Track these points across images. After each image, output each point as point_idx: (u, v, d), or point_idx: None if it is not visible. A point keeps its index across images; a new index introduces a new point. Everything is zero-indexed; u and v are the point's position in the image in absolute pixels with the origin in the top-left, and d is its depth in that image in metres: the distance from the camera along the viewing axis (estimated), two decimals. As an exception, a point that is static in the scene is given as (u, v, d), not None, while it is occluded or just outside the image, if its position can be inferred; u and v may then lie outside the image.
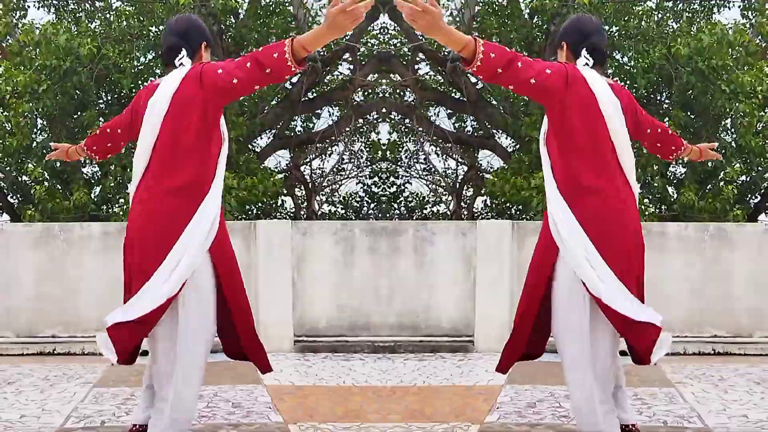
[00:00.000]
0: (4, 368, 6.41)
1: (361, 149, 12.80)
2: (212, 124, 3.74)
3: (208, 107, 3.68)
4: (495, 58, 3.44)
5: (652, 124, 4.10)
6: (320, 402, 5.26)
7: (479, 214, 12.75)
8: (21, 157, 10.75)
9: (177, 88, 3.68)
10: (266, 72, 3.50)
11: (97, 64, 10.08)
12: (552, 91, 3.62)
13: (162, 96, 3.70)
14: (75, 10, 11.60)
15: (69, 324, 7.28)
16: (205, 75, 3.64)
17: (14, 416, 4.80)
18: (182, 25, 3.90)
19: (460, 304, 7.56)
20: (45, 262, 7.43)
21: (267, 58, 3.49)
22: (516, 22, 11.16)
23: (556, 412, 4.94)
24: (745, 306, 7.47)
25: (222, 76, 3.59)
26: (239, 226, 7.62)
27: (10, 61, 10.59)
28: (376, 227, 7.70)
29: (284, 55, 3.44)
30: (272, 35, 11.40)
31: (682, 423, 4.69)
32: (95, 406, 5.08)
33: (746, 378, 6.05)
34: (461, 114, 12.65)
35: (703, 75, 9.91)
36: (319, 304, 7.59)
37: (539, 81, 3.55)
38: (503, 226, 7.52)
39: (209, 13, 10.49)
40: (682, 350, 7.15)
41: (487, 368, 6.49)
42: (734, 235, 7.54)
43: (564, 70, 3.66)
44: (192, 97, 3.66)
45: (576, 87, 3.67)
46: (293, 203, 12.96)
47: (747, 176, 11.30)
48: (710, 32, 9.74)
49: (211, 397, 5.34)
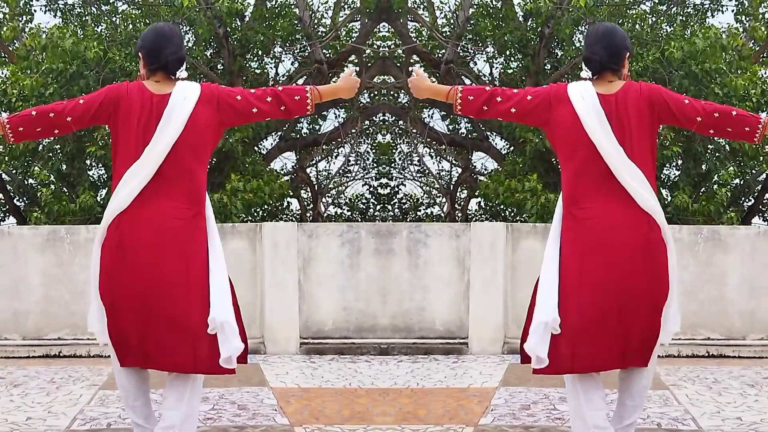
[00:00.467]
0: (11, 370, 6.43)
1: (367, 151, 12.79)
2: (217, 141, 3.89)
3: (221, 129, 3.85)
4: (473, 100, 3.83)
5: (704, 111, 3.80)
6: (326, 404, 5.25)
7: (473, 216, 12.72)
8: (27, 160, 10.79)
9: (193, 110, 3.72)
10: (282, 109, 3.82)
11: (103, 67, 10.10)
12: (534, 115, 3.83)
13: (178, 118, 3.70)
14: (81, 14, 11.64)
15: (75, 327, 7.28)
16: (223, 99, 3.78)
17: (20, 418, 4.81)
18: (179, 37, 3.87)
19: (454, 306, 7.55)
20: (52, 264, 7.44)
21: (288, 99, 3.80)
22: (510, 25, 11.14)
23: (550, 415, 4.93)
24: (739, 308, 7.46)
25: (242, 102, 3.78)
26: (245, 228, 7.62)
27: (17, 65, 10.62)
28: (382, 229, 7.69)
29: (306, 101, 3.83)
30: (278, 38, 11.41)
31: (676, 425, 4.69)
32: (101, 409, 5.08)
33: (740, 380, 6.05)
34: (455, 116, 12.62)
35: (697, 78, 9.92)
36: (325, 306, 7.58)
37: (519, 109, 3.82)
38: (497, 228, 7.51)
39: (215, 16, 10.51)
40: (676, 353, 7.15)
41: (480, 370, 6.48)
42: (728, 238, 7.52)
43: (546, 94, 3.82)
44: (210, 120, 3.76)
45: (559, 107, 3.77)
46: (299, 205, 12.97)
47: (740, 179, 11.30)
48: (704, 36, 9.76)
49: (217, 399, 5.33)
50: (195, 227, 3.72)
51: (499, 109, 3.83)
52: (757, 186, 11.79)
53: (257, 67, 11.82)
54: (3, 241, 7.48)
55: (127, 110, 3.72)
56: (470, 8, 11.43)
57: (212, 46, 11.44)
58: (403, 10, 11.06)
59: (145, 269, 3.63)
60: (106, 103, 3.75)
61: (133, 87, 3.78)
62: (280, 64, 12.35)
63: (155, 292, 3.61)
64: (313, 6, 11.86)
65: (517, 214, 10.59)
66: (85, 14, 11.62)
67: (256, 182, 10.11)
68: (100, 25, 11.23)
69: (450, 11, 12.18)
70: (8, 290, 7.41)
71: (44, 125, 3.80)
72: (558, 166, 10.83)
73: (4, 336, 7.37)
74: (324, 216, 12.65)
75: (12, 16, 11.57)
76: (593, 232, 3.69)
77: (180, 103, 3.72)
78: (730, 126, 3.82)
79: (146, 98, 3.73)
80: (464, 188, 12.98)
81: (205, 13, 10.45)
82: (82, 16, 11.60)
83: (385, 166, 12.18)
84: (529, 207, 9.72)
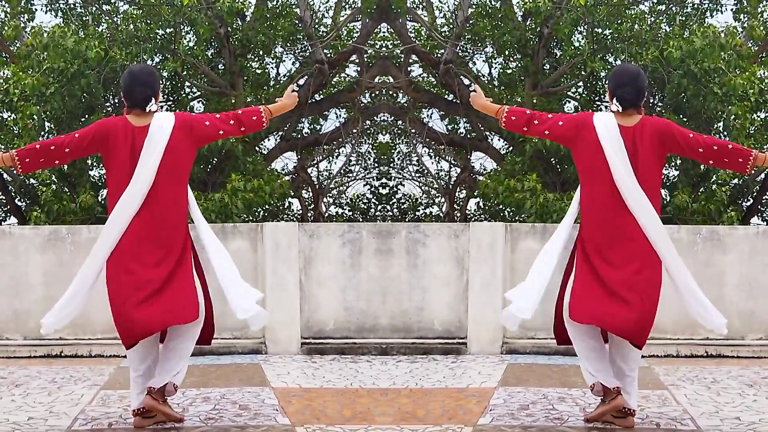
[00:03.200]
0: (12, 370, 6.43)
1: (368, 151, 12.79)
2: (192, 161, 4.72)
3: (194, 150, 4.69)
4: (516, 120, 4.75)
5: (705, 143, 4.55)
6: (327, 404, 5.25)
7: (472, 216, 12.71)
8: (29, 160, 10.73)
9: (170, 137, 4.52)
10: (242, 129, 4.74)
11: (104, 67, 10.11)
12: (564, 138, 4.72)
13: (156, 146, 4.49)
14: (82, 13, 11.64)
15: (76, 326, 7.27)
16: (195, 126, 4.63)
17: (22, 418, 4.81)
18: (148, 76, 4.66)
19: (453, 307, 7.54)
20: (53, 264, 7.44)
21: (247, 120, 4.72)
22: (509, 25, 11.14)
23: (549, 415, 4.93)
24: (738, 308, 7.45)
25: (210, 127, 4.67)
26: (246, 228, 7.62)
27: (18, 64, 10.63)
28: (383, 229, 7.69)
29: (261, 119, 4.75)
30: (279, 38, 11.42)
31: (674, 425, 4.69)
32: (102, 409, 5.09)
33: (738, 380, 6.05)
34: (454, 116, 12.61)
35: (696, 78, 9.92)
36: (326, 306, 7.58)
37: (551, 132, 4.71)
38: (496, 228, 7.50)
39: (216, 15, 10.51)
40: (674, 353, 7.15)
41: (479, 370, 6.48)
42: (726, 238, 7.52)
43: (575, 121, 4.67)
44: (184, 144, 4.58)
45: (584, 132, 4.59)
46: (300, 205, 12.97)
47: (739, 179, 11.29)
48: (702, 35, 9.76)
49: (218, 399, 5.34)
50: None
51: (537, 130, 4.73)
52: (756, 186, 11.79)
53: (258, 67, 11.83)
54: (4, 240, 7.48)
55: (114, 142, 4.52)
56: (469, 8, 11.42)
57: (213, 46, 11.44)
58: (402, 10, 11.06)
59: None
60: (98, 137, 4.55)
61: (119, 121, 4.58)
62: (281, 64, 12.37)
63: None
64: (314, 6, 11.86)
65: (516, 213, 10.58)
66: (86, 14, 11.63)
67: (257, 182, 10.11)
68: (102, 25, 11.23)
69: (449, 11, 12.18)
70: (9, 290, 7.41)
71: (46, 156, 4.55)
72: (557, 166, 10.88)
73: (6, 336, 7.37)
74: (325, 216, 12.65)
75: (13, 15, 11.58)
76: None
77: (157, 131, 4.51)
78: (726, 157, 4.55)
79: (128, 131, 4.53)
80: (463, 188, 12.97)
81: (206, 13, 10.45)
82: (83, 16, 11.60)
83: (384, 166, 12.19)
84: (529, 207, 9.71)
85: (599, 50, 10.68)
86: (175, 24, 10.73)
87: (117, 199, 4.52)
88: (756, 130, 10.65)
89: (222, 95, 11.09)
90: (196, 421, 4.79)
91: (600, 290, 4.49)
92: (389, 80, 11.54)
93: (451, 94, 11.93)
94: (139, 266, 4.47)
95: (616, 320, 4.45)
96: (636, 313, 4.46)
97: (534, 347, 7.31)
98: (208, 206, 9.55)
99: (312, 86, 11.52)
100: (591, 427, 4.65)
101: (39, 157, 4.56)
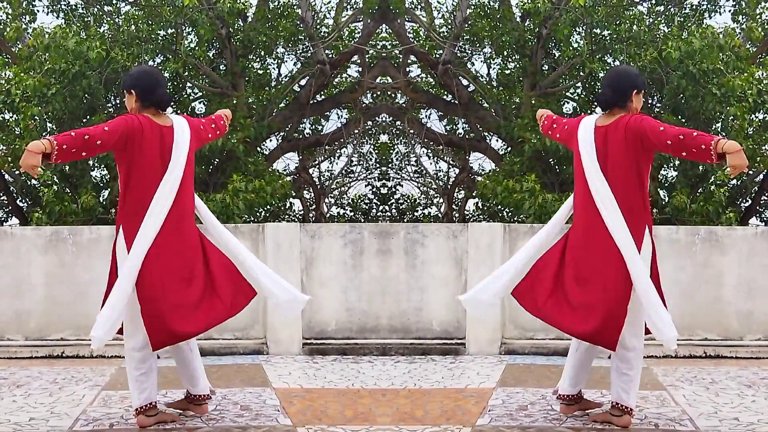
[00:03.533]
0: (14, 371, 6.44)
1: (369, 151, 12.80)
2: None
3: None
4: (545, 124, 5.08)
5: (673, 134, 4.35)
6: (329, 405, 5.26)
7: (470, 216, 12.70)
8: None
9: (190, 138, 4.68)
10: (218, 133, 5.03)
11: (105, 67, 10.11)
12: (565, 142, 4.93)
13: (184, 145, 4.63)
14: (83, 14, 11.65)
15: (78, 327, 7.29)
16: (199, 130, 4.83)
17: (23, 419, 4.82)
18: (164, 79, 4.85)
19: (451, 307, 7.54)
20: (54, 265, 7.45)
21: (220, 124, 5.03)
22: (507, 25, 11.12)
23: (547, 415, 4.94)
24: (736, 309, 7.46)
25: (204, 131, 4.89)
26: (247, 228, 7.63)
27: (19, 65, 10.64)
28: (384, 229, 7.70)
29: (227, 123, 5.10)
30: (280, 38, 11.42)
31: (673, 426, 4.70)
32: (104, 409, 5.10)
33: (737, 381, 6.06)
34: (453, 116, 12.61)
35: (694, 78, 9.91)
36: (328, 306, 7.59)
37: (560, 135, 4.96)
38: (494, 229, 7.50)
39: (217, 16, 10.51)
40: (673, 353, 7.14)
41: (478, 371, 6.49)
42: (725, 239, 7.52)
43: (573, 125, 4.80)
44: (193, 146, 4.73)
45: (575, 135, 4.74)
46: (302, 205, 12.97)
47: (738, 180, 11.28)
48: (701, 36, 9.75)
49: (220, 399, 5.35)
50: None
51: (554, 135, 5.00)
52: (754, 187, 11.79)
53: (260, 67, 11.83)
54: (6, 241, 7.49)
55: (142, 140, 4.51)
56: (467, 9, 11.40)
57: (215, 46, 11.44)
58: (401, 10, 11.06)
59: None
60: (128, 133, 4.47)
61: (144, 120, 4.56)
62: (282, 65, 12.37)
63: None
64: (316, 6, 11.87)
65: (514, 214, 10.57)
66: (88, 15, 11.64)
67: (259, 182, 10.11)
68: (103, 26, 11.24)
69: (447, 11, 12.17)
70: (11, 290, 7.42)
71: (80, 146, 4.34)
72: (556, 166, 10.88)
73: (7, 336, 7.39)
74: (326, 216, 12.65)
75: (15, 16, 11.59)
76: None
77: (181, 132, 4.65)
78: (693, 146, 4.29)
79: (156, 129, 4.58)
80: (461, 189, 12.96)
81: (208, 14, 10.45)
82: (84, 17, 11.61)
83: (383, 166, 12.19)
84: (527, 207, 9.70)
85: (598, 51, 10.68)
86: (177, 25, 10.73)
87: (139, 195, 4.54)
88: (754, 131, 10.66)
89: (223, 96, 11.10)
90: (198, 421, 4.80)
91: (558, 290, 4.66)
92: (388, 81, 11.54)
93: (450, 94, 11.93)
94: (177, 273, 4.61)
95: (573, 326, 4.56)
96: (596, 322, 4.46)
97: (532, 348, 7.32)
98: (210, 207, 9.51)
99: (313, 87, 11.52)
100: (589, 427, 4.65)
101: (74, 146, 4.32)
